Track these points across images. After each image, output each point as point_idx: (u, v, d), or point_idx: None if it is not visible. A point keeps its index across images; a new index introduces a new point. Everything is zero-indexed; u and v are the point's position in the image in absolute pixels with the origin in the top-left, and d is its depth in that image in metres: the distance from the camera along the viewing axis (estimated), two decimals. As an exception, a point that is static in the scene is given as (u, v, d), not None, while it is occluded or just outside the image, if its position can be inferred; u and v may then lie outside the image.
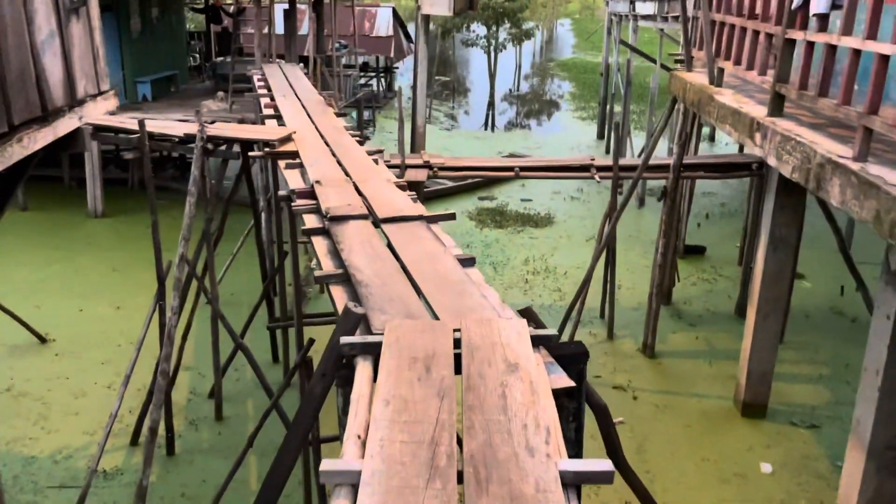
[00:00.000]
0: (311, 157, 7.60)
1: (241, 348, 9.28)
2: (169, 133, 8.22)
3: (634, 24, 21.37)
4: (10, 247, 15.72)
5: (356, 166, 7.24)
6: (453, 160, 12.17)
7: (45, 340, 11.84)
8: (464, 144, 27.21)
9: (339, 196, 6.13)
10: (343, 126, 9.50)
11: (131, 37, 19.01)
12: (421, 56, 12.06)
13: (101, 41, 5.79)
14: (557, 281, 14.75)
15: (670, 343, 12.29)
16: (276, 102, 11.22)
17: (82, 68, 5.31)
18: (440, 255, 4.86)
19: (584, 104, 36.09)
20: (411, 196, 6.35)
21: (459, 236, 17.17)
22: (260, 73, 14.83)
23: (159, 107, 18.56)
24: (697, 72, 9.43)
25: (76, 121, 5.24)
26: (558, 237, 17.35)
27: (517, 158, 12.81)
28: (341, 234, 5.26)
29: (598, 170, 11.63)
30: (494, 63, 43.41)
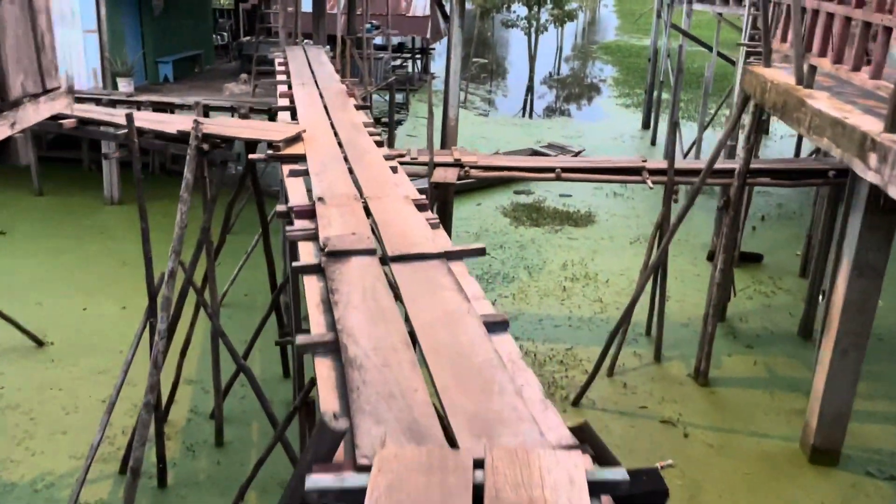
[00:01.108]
0: (320, 163, 6.47)
1: (243, 370, 8.28)
2: (161, 129, 7.16)
3: (688, 7, 19.78)
4: (21, 234, 14.96)
5: (370, 177, 6.10)
6: (487, 158, 10.96)
7: (43, 343, 10.99)
8: (500, 132, 25.89)
9: (344, 220, 4.99)
10: (362, 122, 8.35)
11: (153, 14, 18.06)
12: (455, 41, 10.84)
13: (48, 26, 4.71)
14: (598, 290, 13.49)
15: (725, 368, 11.00)
16: (292, 91, 10.11)
17: (18, 61, 4.25)
18: (462, 316, 3.70)
19: (628, 90, 34.40)
20: (432, 220, 5.18)
21: (493, 235, 15.98)
22: (282, 57, 13.74)
23: (180, 88, 17.62)
24: (777, 67, 8.08)
25: (6, 128, 4.18)
26: (599, 238, 16.05)
27: (558, 158, 11.55)
28: (340, 276, 4.13)
29: (650, 173, 10.32)
30: (535, 45, 41.79)
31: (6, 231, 15.12)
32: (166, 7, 18.63)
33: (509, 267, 14.36)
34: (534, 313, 12.50)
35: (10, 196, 16.86)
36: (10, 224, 15.45)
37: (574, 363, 11.00)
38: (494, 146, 23.24)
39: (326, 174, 6.15)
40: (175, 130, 7.03)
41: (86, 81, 16.22)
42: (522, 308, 12.66)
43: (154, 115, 7.90)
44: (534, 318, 12.31)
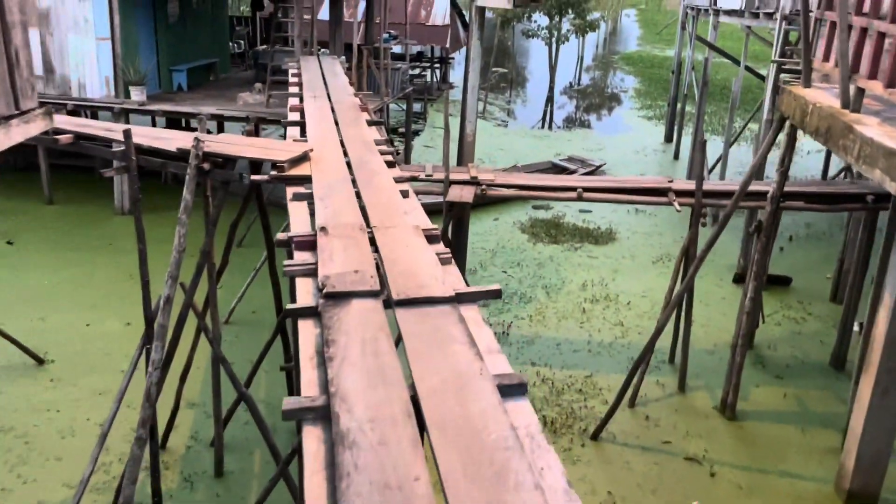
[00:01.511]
0: (326, 186, 6.04)
1: (244, 398, 7.84)
2: (160, 146, 6.77)
3: (714, 19, 19.23)
4: (28, 245, 14.70)
5: (379, 202, 5.65)
6: (505, 176, 10.49)
7: (43, 362, 10.65)
8: (518, 144, 25.43)
9: (347, 253, 4.55)
10: (374, 139, 7.92)
11: (168, 22, 17.81)
12: (474, 54, 10.39)
13: (24, 41, 4.33)
14: (619, 312, 12.95)
15: (754, 400, 10.43)
16: (303, 105, 9.72)
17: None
18: (473, 378, 3.23)
19: (650, 102, 33.81)
20: (443, 255, 4.72)
21: (510, 252, 15.50)
22: (296, 67, 13.39)
23: (194, 97, 17.33)
24: (818, 88, 7.55)
25: (-31, 155, 3.80)
26: (620, 257, 15.51)
27: (579, 177, 11.04)
28: (337, 324, 3.68)
29: (677, 195, 9.80)
30: (556, 55, 41.32)
31: (14, 240, 14.86)
32: (182, 14, 18.39)
33: (526, 286, 13.87)
34: (551, 336, 12.00)
35: (20, 204, 16.64)
36: (19, 233, 15.20)
37: (593, 392, 10.49)
38: (513, 158, 22.79)
39: (332, 198, 5.71)
40: (174, 148, 6.64)
41: (98, 90, 15.97)
42: (540, 331, 12.16)
43: (154, 131, 7.53)
44: (551, 342, 11.81)
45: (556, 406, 10.05)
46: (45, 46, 15.87)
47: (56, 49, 15.86)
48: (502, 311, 12.79)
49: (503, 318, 12.49)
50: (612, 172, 21.82)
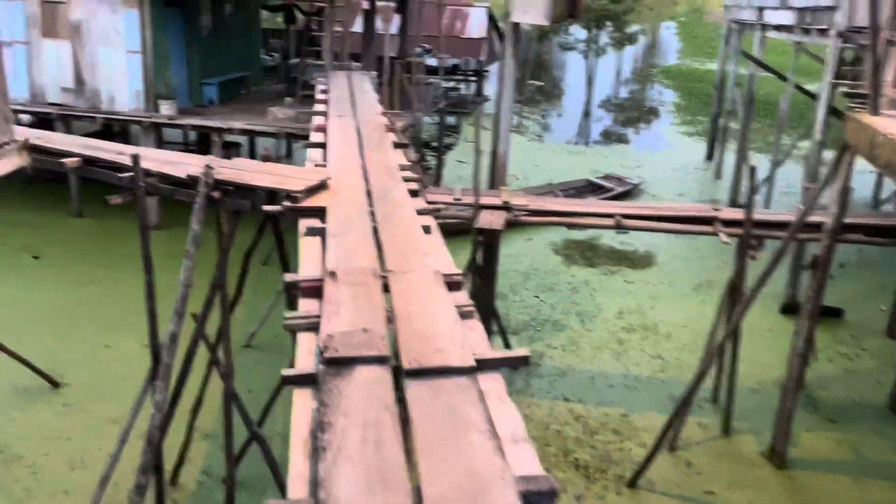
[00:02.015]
0: (342, 220, 5.55)
1: (256, 439, 7.40)
2: (170, 172, 6.36)
3: (762, 34, 18.45)
4: (53, 260, 14.54)
5: (397, 241, 5.15)
6: (539, 201, 9.93)
7: (58, 385, 10.35)
8: (554, 160, 24.81)
9: (357, 305, 4.04)
10: (399, 164, 7.44)
11: (200, 35, 17.61)
12: (507, 71, 9.88)
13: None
14: (658, 344, 12.26)
15: (805, 446, 9.67)
16: (328, 124, 9.28)
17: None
18: (492, 483, 2.68)
19: (690, 117, 32.91)
20: (465, 308, 4.19)
21: (542, 275, 14.89)
22: (325, 83, 13.02)
23: (223, 111, 17.08)
24: (888, 116, 6.88)
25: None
26: (659, 283, 14.80)
27: (618, 204, 10.39)
28: (337, 399, 3.17)
29: (724, 224, 9.14)
30: (593, 69, 40.58)
31: (40, 255, 14.71)
32: (214, 27, 18.20)
33: (559, 312, 13.25)
34: (585, 369, 11.36)
35: (48, 216, 16.54)
36: (45, 247, 15.06)
37: (630, 432, 9.83)
38: (547, 175, 22.18)
39: (346, 235, 5.22)
40: (185, 175, 6.23)
41: (128, 103, 15.81)
42: (573, 363, 11.54)
43: (167, 155, 7.14)
44: (585, 376, 11.18)
45: (590, 448, 9.42)
46: (76, 59, 15.77)
47: (87, 62, 15.75)
48: (534, 340, 12.20)
49: (535, 347, 11.89)
50: (651, 191, 21.10)
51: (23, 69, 16.04)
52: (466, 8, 31.34)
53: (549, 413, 10.12)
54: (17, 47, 15.93)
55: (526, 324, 12.72)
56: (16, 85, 16.15)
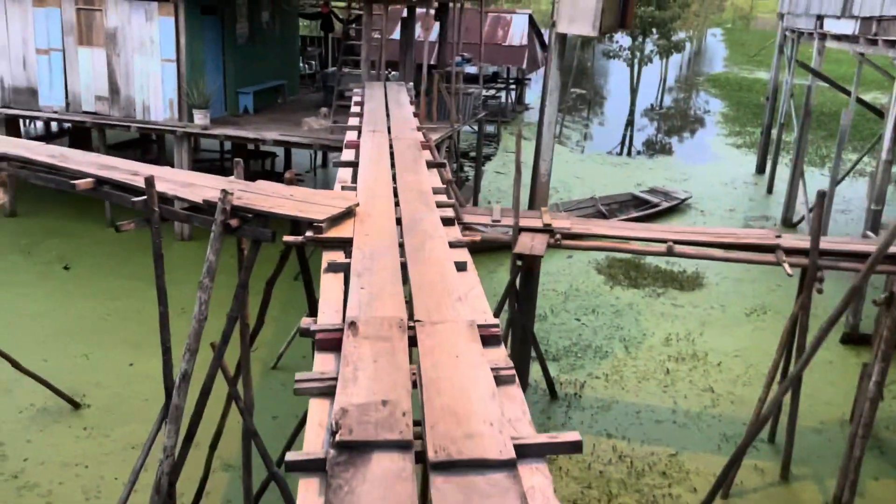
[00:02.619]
0: (367, 255, 5.00)
1: (276, 479, 6.88)
2: (186, 196, 5.89)
3: (820, 43, 17.49)
4: (84, 271, 14.31)
5: (428, 281, 4.57)
6: (583, 224, 9.26)
7: (79, 406, 10.00)
8: (596, 171, 24.03)
9: (378, 367, 3.47)
10: (433, 187, 6.87)
11: (236, 43, 17.34)
12: (552, 85, 9.25)
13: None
14: (708, 375, 11.48)
15: (872, 496, 8.83)
16: (360, 141, 8.77)
17: None
18: None
19: (739, 128, 31.78)
20: (503, 371, 3.58)
21: (584, 296, 14.19)
22: (360, 94, 12.54)
23: (258, 121, 16.76)
24: None
25: None
26: (709, 307, 13.97)
27: (670, 228, 9.63)
28: (348, 498, 2.59)
29: (787, 253, 8.38)
30: (637, 77, 39.64)
31: (71, 265, 14.51)
32: (251, 35, 17.91)
33: (602, 338, 12.54)
34: (630, 402, 10.64)
35: (81, 226, 16.36)
36: (77, 258, 14.85)
37: (679, 475, 9.09)
38: (589, 188, 21.45)
39: (372, 275, 4.66)
40: (200, 199, 5.74)
41: (162, 112, 15.56)
42: (617, 394, 10.83)
43: (185, 176, 6.68)
44: (630, 409, 10.46)
45: (636, 492, 8.71)
46: (111, 67, 15.59)
47: (122, 70, 15.55)
48: (575, 368, 11.52)
49: (575, 376, 11.21)
50: (698, 206, 20.22)
51: (59, 77, 15.92)
52: (509, 15, 30.77)
53: (591, 451, 9.43)
54: (53, 55, 15.82)
55: (567, 349, 12.04)
56: (52, 93, 16.07)
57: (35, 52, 15.89)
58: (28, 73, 16.07)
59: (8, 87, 16.27)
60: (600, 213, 18.86)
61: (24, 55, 15.99)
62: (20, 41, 15.91)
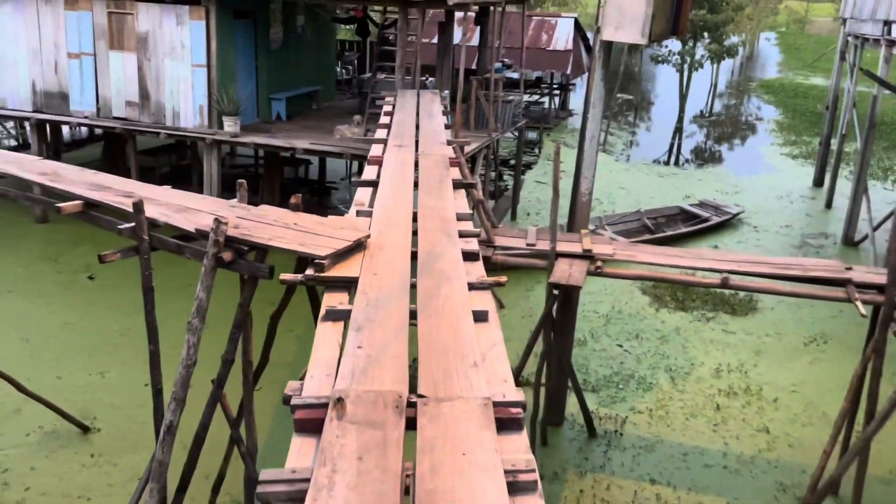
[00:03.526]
0: (372, 302, 4.29)
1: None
2: (178, 224, 5.27)
3: (886, 50, 16.28)
4: (107, 282, 13.92)
5: (439, 341, 3.84)
6: (627, 249, 8.42)
7: (88, 430, 9.51)
8: (642, 182, 22.99)
9: (361, 472, 2.75)
10: (458, 213, 6.13)
11: (269, 48, 16.86)
12: (595, 97, 8.45)
13: None
14: (763, 413, 10.50)
15: (953, 565, 7.79)
16: (384, 156, 8.08)
17: None
18: None
19: (794, 137, 30.30)
20: (520, 475, 2.82)
21: (627, 319, 13.28)
22: (391, 102, 11.89)
23: (290, 128, 16.23)
24: None
25: None
26: (763, 334, 12.94)
27: (725, 256, 8.66)
28: None
29: (858, 288, 7.42)
30: (687, 83, 38.30)
31: (96, 276, 14.15)
32: (285, 40, 17.42)
33: (646, 367, 11.64)
34: (677, 442, 9.74)
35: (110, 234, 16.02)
36: (103, 267, 14.35)
37: (730, 531, 8.18)
38: (634, 200, 20.46)
39: (373, 328, 3.95)
40: (193, 228, 5.11)
41: (191, 119, 15.13)
42: (662, 432, 9.93)
43: (184, 198, 6.05)
44: (677, 450, 9.56)
45: (681, 551, 7.84)
46: (141, 72, 15.23)
47: (152, 75, 15.17)
48: (615, 400, 10.65)
49: (616, 411, 10.35)
50: (751, 221, 19.08)
51: (90, 82, 15.63)
52: (553, 19, 29.87)
53: (633, 498, 8.59)
54: (84, 59, 15.54)
55: (607, 379, 11.18)
56: (83, 98, 15.79)
57: (67, 56, 15.63)
58: (59, 77, 15.82)
59: (40, 92, 16.05)
60: (646, 228, 17.90)
61: (55, 59, 15.75)
62: (52, 45, 15.67)
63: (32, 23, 15.67)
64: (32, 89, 16.08)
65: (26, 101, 16.14)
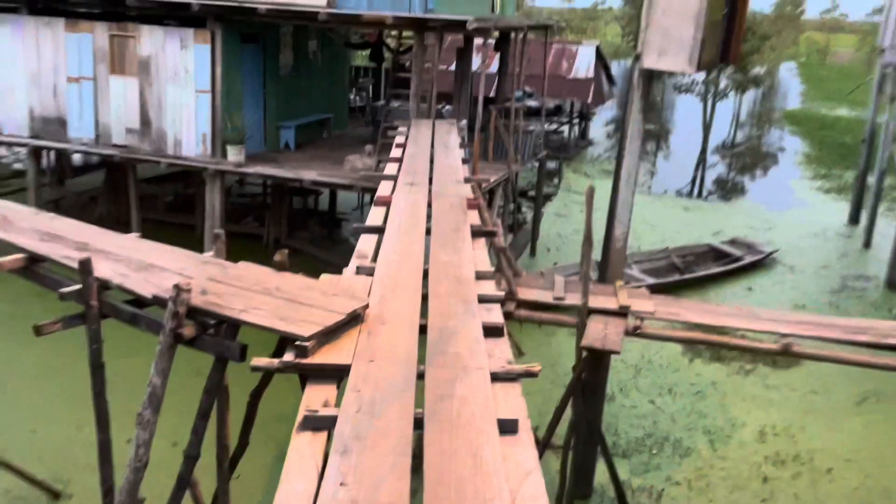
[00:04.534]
0: (363, 409, 3.28)
1: None
2: (133, 287, 4.30)
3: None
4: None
5: (455, 472, 2.81)
6: (669, 307, 7.36)
7: (59, 496, 8.51)
8: (667, 216, 21.91)
9: None
10: (477, 272, 5.12)
11: (278, 73, 16.06)
12: (633, 131, 7.49)
13: None
14: (816, 486, 9.32)
15: None
16: (393, 196, 7.12)
17: None
18: None
19: (824, 171, 29.15)
20: None
21: (658, 371, 12.16)
22: (404, 133, 10.97)
23: (299, 158, 15.35)
24: None
25: None
26: (809, 391, 11.77)
27: (783, 317, 7.54)
28: None
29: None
30: (711, 113, 37.33)
31: (88, 313, 13.21)
32: (296, 65, 16.62)
33: (682, 428, 10.50)
34: (720, 522, 8.59)
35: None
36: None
37: None
38: (660, 236, 19.37)
39: (364, 450, 2.92)
40: (150, 294, 4.14)
41: (194, 147, 14.29)
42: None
43: (147, 252, 5.09)
44: (721, 532, 8.41)
45: None
46: (142, 98, 14.43)
47: (154, 101, 14.37)
48: (649, 468, 9.52)
49: (650, 482, 9.20)
50: (786, 261, 17.94)
51: (89, 107, 14.86)
52: (574, 46, 29.05)
53: None
54: (84, 83, 14.79)
55: (639, 442, 10.05)
56: (81, 124, 15.01)
57: (66, 80, 14.89)
58: (58, 102, 15.07)
59: (37, 117, 15.30)
60: (675, 267, 16.81)
61: (54, 83, 15.01)
62: (51, 68, 14.94)
63: (31, 45, 14.97)
64: (30, 114, 15.33)
65: (23, 126, 15.39)
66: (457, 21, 12.47)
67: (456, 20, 12.49)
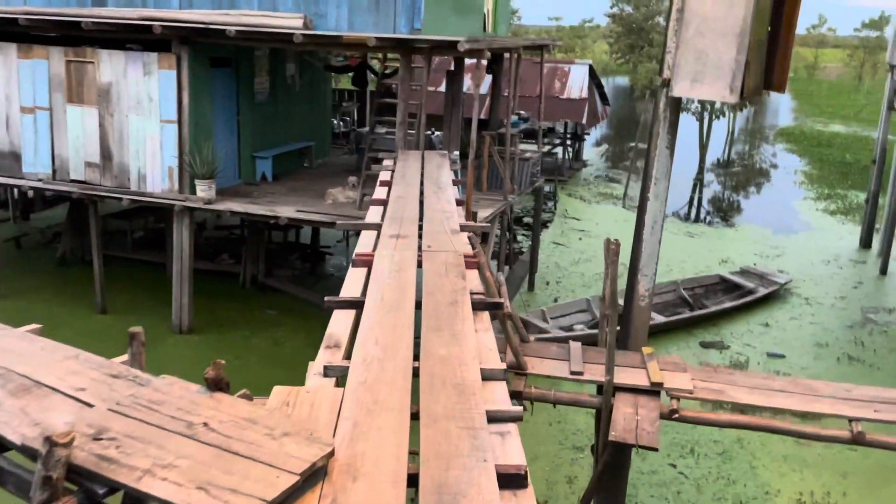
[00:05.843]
0: None
1: None
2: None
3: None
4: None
5: None
6: (710, 381, 6.14)
7: None
8: (670, 243, 20.58)
9: None
10: (483, 371, 3.88)
11: (253, 99, 14.87)
12: (659, 171, 6.33)
13: None
14: (871, 572, 8.07)
15: None
16: (376, 253, 5.88)
17: None
18: None
19: (828, 191, 28.16)
20: None
21: (677, 425, 10.88)
22: (389, 168, 9.76)
23: (276, 191, 14.12)
24: None
25: None
26: (845, 447, 10.52)
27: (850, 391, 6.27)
28: None
29: None
30: (707, 132, 36.46)
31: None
32: (272, 91, 15.44)
33: (709, 498, 9.25)
34: None
35: (70, 311, 13.81)
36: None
37: None
38: (665, 266, 18.14)
39: None
40: (18, 440, 2.88)
41: (159, 182, 13.03)
42: None
43: (41, 357, 3.88)
44: None
45: None
46: (103, 129, 13.19)
47: (115, 132, 13.13)
48: (676, 553, 8.25)
49: (680, 570, 7.93)
50: (801, 292, 16.81)
51: (45, 140, 13.59)
52: (566, 65, 28.10)
53: None
54: (39, 114, 13.53)
55: (662, 518, 8.79)
56: (37, 158, 13.73)
57: (19, 110, 13.62)
58: (11, 134, 13.79)
59: (-11, 151, 14.02)
60: (683, 301, 15.65)
61: (7, 114, 13.74)
62: (3, 98, 13.69)
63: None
64: (-20, 148, 14.05)
65: (-27, 160, 14.11)
66: (447, 42, 11.33)
67: (445, 41, 11.35)
